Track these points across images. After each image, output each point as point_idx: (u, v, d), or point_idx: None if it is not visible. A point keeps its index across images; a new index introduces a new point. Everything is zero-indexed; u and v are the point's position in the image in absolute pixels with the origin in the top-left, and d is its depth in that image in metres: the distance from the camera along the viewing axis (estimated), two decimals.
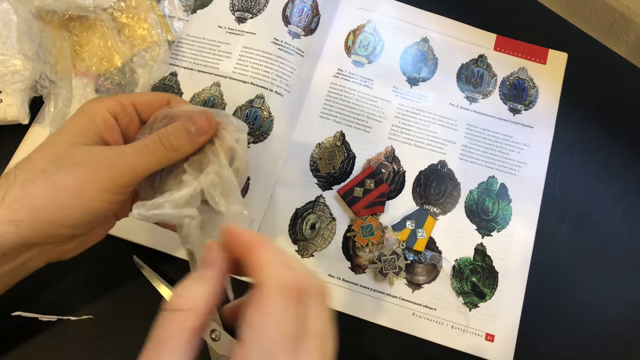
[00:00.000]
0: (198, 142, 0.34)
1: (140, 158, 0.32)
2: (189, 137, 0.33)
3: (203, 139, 0.34)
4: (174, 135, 0.33)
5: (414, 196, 0.50)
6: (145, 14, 0.52)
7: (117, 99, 0.35)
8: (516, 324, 0.46)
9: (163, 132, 0.33)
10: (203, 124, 0.33)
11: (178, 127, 0.33)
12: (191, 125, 0.33)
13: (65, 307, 0.44)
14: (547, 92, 0.54)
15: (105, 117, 0.34)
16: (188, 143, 0.33)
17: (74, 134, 0.32)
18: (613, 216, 0.50)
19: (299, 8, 0.54)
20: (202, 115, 0.34)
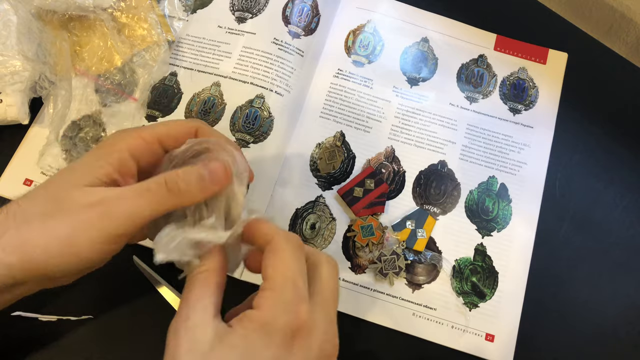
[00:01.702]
0: (209, 192, 0.30)
1: (139, 203, 0.29)
2: (201, 184, 0.30)
3: (215, 189, 0.31)
4: (183, 178, 0.30)
5: (414, 196, 0.50)
6: (145, 14, 0.52)
7: (141, 135, 0.32)
8: (516, 324, 0.46)
9: (172, 173, 0.30)
10: (219, 173, 0.30)
11: (190, 170, 0.30)
12: (205, 172, 0.30)
13: (65, 307, 0.44)
14: (547, 92, 0.54)
15: (122, 158, 0.31)
16: (198, 190, 0.30)
17: (82, 174, 0.30)
18: (613, 216, 0.50)
19: (299, 8, 0.54)
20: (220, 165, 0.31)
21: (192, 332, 0.27)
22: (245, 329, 0.27)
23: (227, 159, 0.31)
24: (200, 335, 0.27)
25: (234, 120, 0.50)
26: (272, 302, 0.27)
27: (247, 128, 0.50)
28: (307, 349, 0.27)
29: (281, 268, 0.28)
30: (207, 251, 0.30)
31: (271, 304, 0.27)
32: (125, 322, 0.44)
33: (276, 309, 0.27)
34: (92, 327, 0.44)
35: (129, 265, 0.46)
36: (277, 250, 0.29)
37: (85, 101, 0.50)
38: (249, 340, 0.27)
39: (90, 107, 0.50)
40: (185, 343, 0.27)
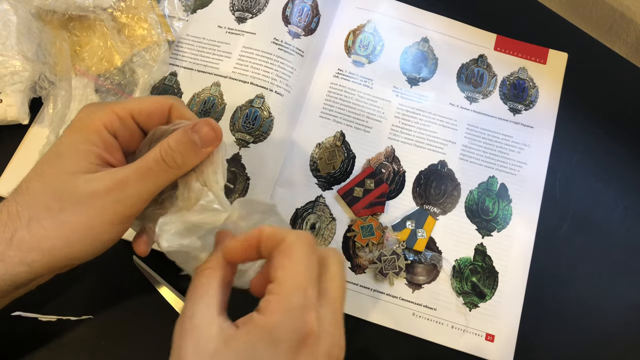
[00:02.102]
0: (204, 154, 0.31)
1: (145, 183, 0.30)
2: (194, 149, 0.30)
3: (210, 149, 0.31)
4: (178, 151, 0.30)
5: (414, 196, 0.50)
6: (145, 14, 0.52)
7: (113, 110, 0.31)
8: (516, 324, 0.46)
9: (165, 148, 0.30)
10: (208, 132, 0.30)
11: (181, 139, 0.30)
12: (195, 136, 0.30)
13: (65, 307, 0.44)
14: (547, 92, 0.54)
15: (103, 136, 0.31)
16: (194, 157, 0.31)
17: (73, 161, 0.30)
18: (613, 216, 0.50)
19: (299, 8, 0.54)
20: (205, 123, 0.31)
21: (197, 330, 0.27)
22: (251, 335, 0.26)
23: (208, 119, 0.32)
24: (205, 334, 0.26)
25: (234, 120, 0.50)
26: (279, 308, 0.26)
27: (247, 128, 0.50)
28: (314, 356, 0.26)
29: (292, 271, 0.27)
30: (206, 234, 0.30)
31: (278, 309, 0.26)
32: (125, 322, 0.44)
33: (284, 315, 0.26)
34: (92, 327, 0.44)
35: (129, 265, 0.46)
36: (290, 251, 0.28)
37: (85, 101, 0.50)
38: (254, 347, 0.26)
39: None
40: (190, 343, 0.26)
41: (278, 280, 0.27)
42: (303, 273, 0.27)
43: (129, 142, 0.33)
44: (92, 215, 0.29)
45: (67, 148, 0.31)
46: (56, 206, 0.29)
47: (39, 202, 0.29)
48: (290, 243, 0.28)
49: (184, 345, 0.26)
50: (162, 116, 0.33)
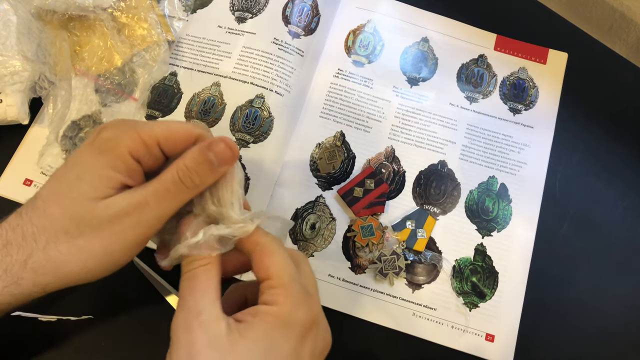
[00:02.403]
0: (221, 173, 0.31)
1: (163, 205, 0.30)
2: (211, 169, 0.30)
3: (226, 168, 0.31)
4: (195, 171, 0.30)
5: (414, 196, 0.50)
6: (145, 14, 0.52)
7: (141, 137, 0.31)
8: (516, 324, 0.46)
9: (182, 168, 0.30)
10: (224, 150, 0.30)
11: (197, 159, 0.30)
12: (211, 154, 0.30)
13: (65, 307, 0.44)
14: (547, 92, 0.54)
15: (128, 163, 0.30)
16: (211, 176, 0.30)
17: (95, 187, 0.30)
18: (613, 216, 0.50)
19: (299, 8, 0.54)
20: (220, 140, 0.30)
21: (207, 326, 0.27)
22: (266, 324, 0.28)
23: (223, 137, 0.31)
24: (216, 330, 0.27)
25: (234, 120, 0.50)
26: (288, 298, 0.29)
27: (247, 128, 0.50)
28: (315, 340, 0.29)
29: (284, 267, 0.30)
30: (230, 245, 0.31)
31: (287, 300, 0.29)
32: (125, 322, 0.44)
33: (293, 305, 0.29)
34: (92, 327, 0.44)
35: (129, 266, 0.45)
36: (274, 252, 0.30)
37: (85, 101, 0.50)
38: (271, 334, 0.28)
39: (90, 107, 0.50)
40: (202, 338, 0.27)
41: (275, 276, 0.29)
42: (293, 269, 0.30)
43: (151, 167, 0.33)
44: (111, 240, 0.29)
45: (89, 172, 0.30)
46: (75, 231, 0.29)
47: (57, 226, 0.29)
48: (270, 245, 0.30)
49: (196, 341, 0.27)
50: (188, 144, 0.32)
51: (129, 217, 0.29)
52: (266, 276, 0.29)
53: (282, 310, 0.28)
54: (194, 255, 0.30)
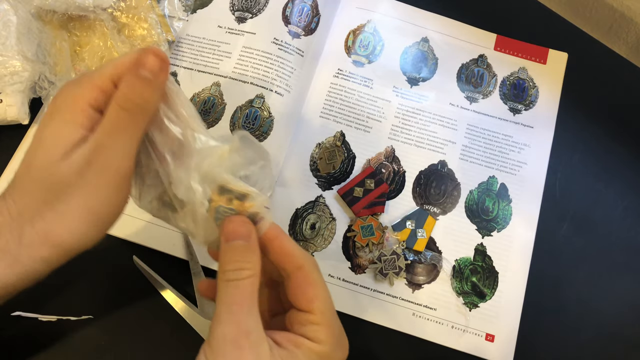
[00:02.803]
0: (160, 85, 0.29)
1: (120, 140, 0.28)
2: (149, 85, 0.28)
3: (162, 77, 0.29)
4: (132, 92, 0.28)
5: (414, 196, 0.50)
6: (145, 14, 0.52)
7: (96, 84, 0.29)
8: (516, 324, 0.46)
9: (120, 96, 0.28)
10: (153, 62, 0.28)
11: (131, 82, 0.28)
12: (143, 71, 0.28)
13: (65, 307, 0.44)
14: (547, 92, 0.54)
15: (89, 115, 0.29)
16: (151, 92, 0.29)
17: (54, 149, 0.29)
18: (613, 216, 0.50)
19: (299, 8, 0.54)
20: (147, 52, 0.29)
21: (255, 348, 0.27)
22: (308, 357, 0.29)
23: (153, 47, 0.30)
24: (262, 353, 0.27)
25: (234, 120, 0.50)
26: (330, 338, 0.30)
27: (247, 128, 0.50)
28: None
29: (328, 304, 0.31)
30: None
31: (329, 339, 0.30)
32: (125, 322, 0.44)
33: (334, 345, 0.30)
34: (92, 327, 0.44)
35: (129, 265, 0.46)
36: (317, 283, 0.31)
37: None
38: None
39: None
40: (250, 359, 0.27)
41: (319, 312, 0.30)
42: (333, 305, 0.31)
43: None
44: (87, 196, 0.28)
45: (50, 134, 0.29)
46: (52, 198, 0.28)
47: (35, 198, 0.29)
48: (310, 270, 0.31)
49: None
50: None
51: (92, 165, 0.28)
52: (308, 309, 0.30)
53: (325, 350, 0.29)
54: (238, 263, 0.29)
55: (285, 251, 0.31)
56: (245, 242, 0.29)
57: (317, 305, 0.30)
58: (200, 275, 0.45)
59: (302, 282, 0.30)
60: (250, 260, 0.29)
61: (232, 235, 0.29)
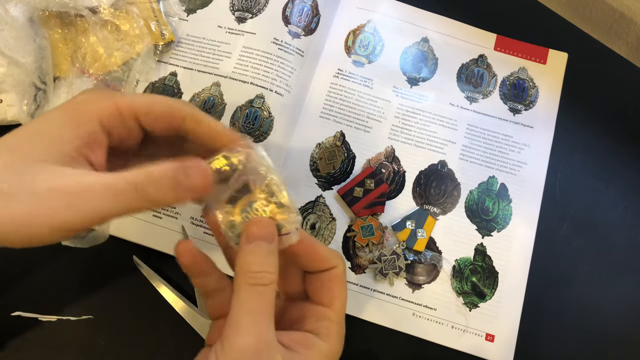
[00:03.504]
0: (183, 199, 0.27)
1: (106, 202, 0.26)
2: (175, 191, 0.26)
3: (190, 197, 0.27)
4: (156, 184, 0.26)
5: (414, 196, 0.50)
6: (145, 14, 0.52)
7: (117, 105, 0.28)
8: (516, 324, 0.46)
9: (143, 175, 0.26)
10: (197, 182, 0.27)
11: (165, 174, 0.26)
12: (182, 178, 0.26)
13: (65, 307, 0.44)
14: (547, 92, 0.54)
15: (93, 131, 0.28)
16: (171, 198, 0.26)
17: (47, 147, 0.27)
18: (613, 216, 0.50)
19: (299, 8, 0.54)
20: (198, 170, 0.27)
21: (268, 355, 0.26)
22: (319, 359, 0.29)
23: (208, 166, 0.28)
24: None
25: (234, 120, 0.50)
26: (338, 337, 0.30)
27: (247, 128, 0.50)
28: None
29: (344, 301, 0.31)
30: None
31: (337, 338, 0.30)
32: (125, 322, 0.44)
33: (340, 343, 0.30)
34: (92, 327, 0.44)
35: (129, 265, 0.46)
36: (343, 281, 0.31)
37: None
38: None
39: None
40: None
41: (337, 310, 0.30)
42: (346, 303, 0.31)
43: (124, 140, 0.30)
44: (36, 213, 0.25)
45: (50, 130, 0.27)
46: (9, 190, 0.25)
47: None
48: (342, 272, 0.31)
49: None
50: (171, 122, 0.30)
51: (65, 197, 0.25)
52: (329, 304, 0.30)
53: (332, 349, 0.30)
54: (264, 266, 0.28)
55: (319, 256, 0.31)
56: (269, 244, 0.28)
57: (337, 305, 0.30)
58: None
59: (332, 279, 0.31)
60: (273, 264, 0.28)
61: (259, 235, 0.28)
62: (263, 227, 0.28)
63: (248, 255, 0.28)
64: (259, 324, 0.26)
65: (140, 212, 0.27)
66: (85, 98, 0.29)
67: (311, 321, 0.30)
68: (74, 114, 0.28)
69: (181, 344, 0.44)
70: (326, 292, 0.31)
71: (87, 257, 0.45)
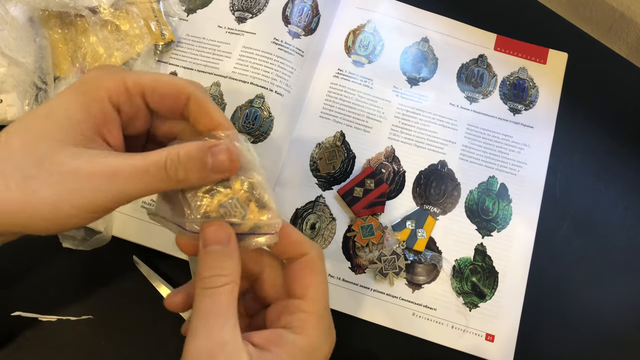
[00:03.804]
0: (210, 180, 0.27)
1: (136, 184, 0.26)
2: (202, 172, 0.27)
3: (217, 177, 0.28)
4: (185, 166, 0.26)
5: (414, 196, 0.50)
6: (144, 14, 0.52)
7: (124, 82, 0.28)
8: (516, 324, 0.46)
9: (173, 157, 0.26)
10: (223, 162, 0.27)
11: (192, 155, 0.27)
12: (209, 159, 0.27)
13: (65, 307, 0.44)
14: (547, 92, 0.54)
15: (105, 109, 0.28)
16: (197, 178, 0.27)
17: (65, 128, 0.26)
18: (613, 216, 0.50)
19: (299, 8, 0.54)
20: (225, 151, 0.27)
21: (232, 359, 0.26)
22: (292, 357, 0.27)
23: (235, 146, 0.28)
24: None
25: (234, 120, 0.50)
26: (317, 330, 0.28)
27: (247, 128, 0.50)
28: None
29: (323, 294, 0.29)
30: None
31: (316, 331, 0.28)
32: (125, 322, 0.44)
33: (320, 337, 0.28)
34: (92, 327, 0.44)
35: (129, 265, 0.46)
36: (316, 268, 0.29)
37: None
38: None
39: None
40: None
41: (311, 300, 0.29)
42: (328, 296, 0.29)
43: (131, 119, 0.30)
44: (64, 195, 0.25)
45: (62, 111, 0.27)
46: (32, 171, 0.25)
47: (14, 160, 0.26)
48: (314, 258, 0.30)
49: None
50: (176, 102, 0.30)
51: (94, 179, 0.26)
52: (302, 295, 0.29)
53: (310, 343, 0.28)
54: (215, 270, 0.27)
55: (292, 239, 0.30)
56: (223, 247, 0.27)
57: (311, 292, 0.29)
58: None
59: (303, 267, 0.29)
60: (229, 267, 0.27)
61: (210, 240, 0.27)
62: (216, 231, 0.27)
63: (202, 260, 0.27)
64: (211, 326, 0.26)
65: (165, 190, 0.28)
66: (93, 76, 0.28)
67: (285, 316, 0.29)
68: (85, 93, 0.28)
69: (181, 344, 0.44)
70: (298, 281, 0.29)
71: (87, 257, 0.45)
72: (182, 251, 0.30)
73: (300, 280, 0.29)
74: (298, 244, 0.30)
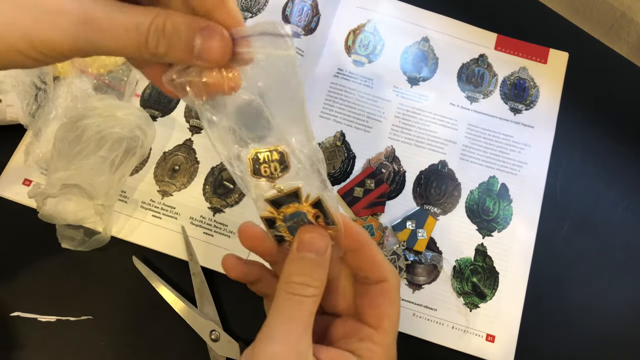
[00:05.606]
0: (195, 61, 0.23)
1: (108, 40, 0.22)
2: (185, 54, 0.23)
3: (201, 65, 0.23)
4: (168, 40, 0.22)
5: (415, 196, 0.50)
6: None
7: None
8: (517, 325, 0.46)
9: (159, 25, 0.22)
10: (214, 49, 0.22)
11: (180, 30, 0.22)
12: (198, 40, 0.22)
13: (65, 307, 0.44)
14: (548, 91, 0.54)
15: None
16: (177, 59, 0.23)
17: None
18: (613, 216, 0.50)
19: (298, 7, 0.54)
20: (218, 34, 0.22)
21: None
22: None
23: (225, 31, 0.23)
24: None
25: None
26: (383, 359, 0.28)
27: None
28: None
29: (395, 322, 0.29)
30: None
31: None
32: (125, 322, 0.44)
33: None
34: (92, 327, 0.44)
35: (129, 265, 0.45)
36: (394, 301, 0.29)
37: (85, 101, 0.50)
38: None
39: None
40: None
41: (383, 331, 0.28)
42: (398, 324, 0.29)
43: None
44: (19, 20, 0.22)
45: None
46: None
47: None
48: (394, 287, 0.29)
49: None
50: None
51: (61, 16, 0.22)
52: (376, 325, 0.28)
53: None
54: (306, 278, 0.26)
55: (373, 260, 0.29)
56: (319, 257, 0.26)
57: (385, 324, 0.28)
58: (200, 276, 0.44)
59: (380, 295, 0.29)
60: (319, 277, 0.27)
61: (308, 246, 0.26)
62: (315, 238, 0.27)
63: (294, 264, 0.27)
64: (291, 334, 0.25)
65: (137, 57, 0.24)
66: None
67: (353, 341, 0.28)
68: None
69: (181, 344, 0.44)
70: (373, 308, 0.29)
71: (87, 258, 0.45)
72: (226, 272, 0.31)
73: (376, 309, 0.29)
74: (380, 267, 0.29)
